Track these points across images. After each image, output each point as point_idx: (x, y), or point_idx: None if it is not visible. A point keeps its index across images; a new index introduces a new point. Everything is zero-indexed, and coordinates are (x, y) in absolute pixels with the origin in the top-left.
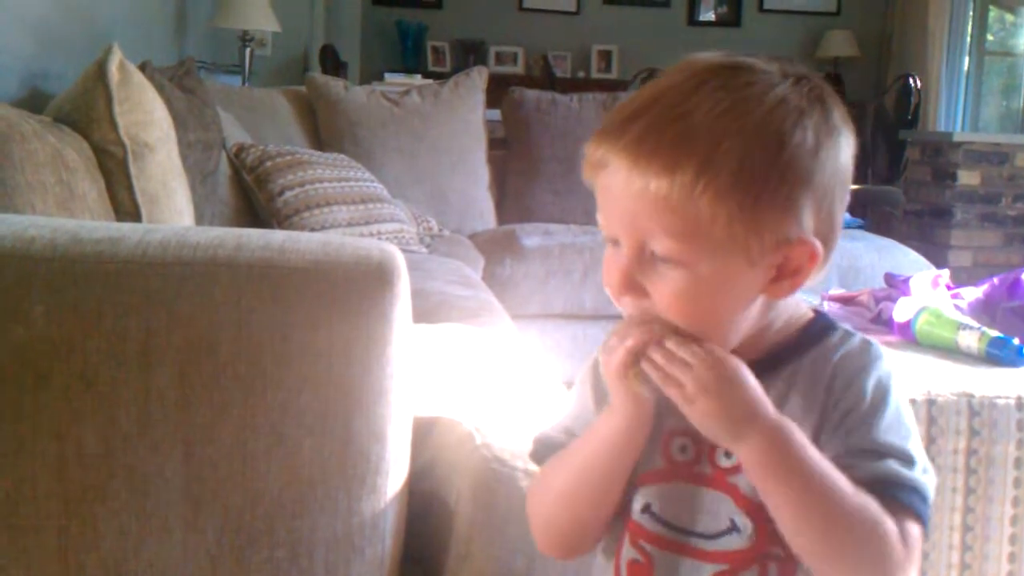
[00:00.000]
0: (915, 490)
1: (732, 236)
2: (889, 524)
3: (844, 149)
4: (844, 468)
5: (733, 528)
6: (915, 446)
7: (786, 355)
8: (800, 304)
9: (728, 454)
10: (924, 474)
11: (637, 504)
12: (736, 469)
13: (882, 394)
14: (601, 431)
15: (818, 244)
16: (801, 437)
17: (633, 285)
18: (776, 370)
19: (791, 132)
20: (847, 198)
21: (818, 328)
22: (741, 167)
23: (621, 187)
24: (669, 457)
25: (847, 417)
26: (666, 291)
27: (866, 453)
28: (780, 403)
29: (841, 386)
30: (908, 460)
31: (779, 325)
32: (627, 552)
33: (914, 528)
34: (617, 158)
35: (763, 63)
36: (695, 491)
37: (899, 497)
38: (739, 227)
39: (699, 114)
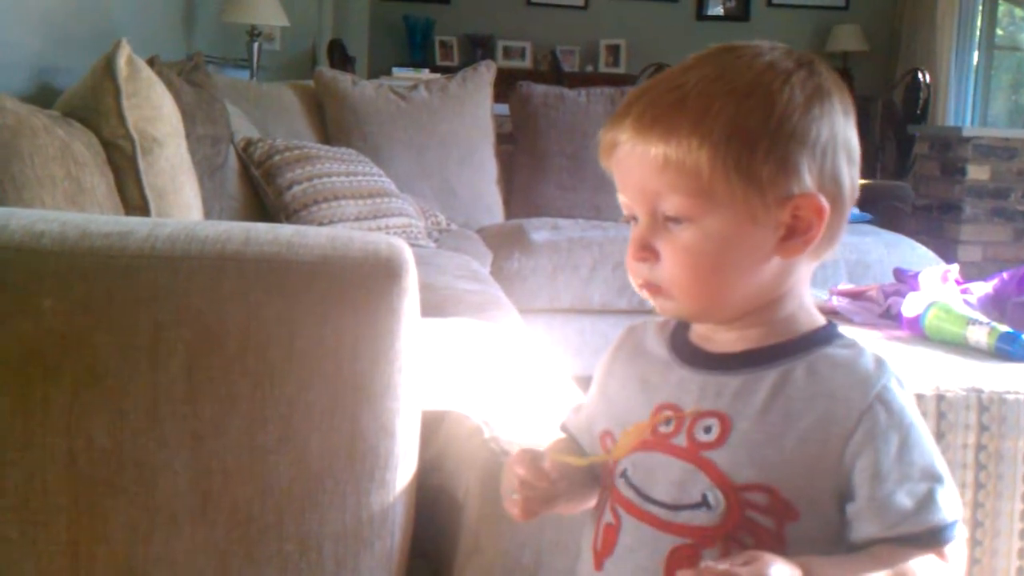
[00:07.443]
0: (952, 524)
1: (732, 192)
2: (927, 567)
3: (839, 113)
4: (882, 507)
5: (703, 503)
6: (937, 454)
7: (784, 352)
8: (813, 309)
9: (708, 429)
10: (950, 485)
11: (619, 468)
12: (713, 445)
13: (908, 418)
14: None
15: (823, 199)
16: (832, 572)
17: (646, 247)
18: (771, 363)
19: (780, 91)
20: (855, 169)
21: (825, 334)
22: (734, 123)
23: (628, 158)
24: (654, 428)
25: (873, 442)
26: (676, 249)
27: (906, 496)
28: (773, 395)
29: (858, 404)
30: (938, 478)
31: (786, 315)
32: (606, 515)
33: (955, 545)
34: (624, 135)
35: (757, 42)
36: (667, 461)
37: (942, 540)
38: (738, 183)
39: (691, 84)
